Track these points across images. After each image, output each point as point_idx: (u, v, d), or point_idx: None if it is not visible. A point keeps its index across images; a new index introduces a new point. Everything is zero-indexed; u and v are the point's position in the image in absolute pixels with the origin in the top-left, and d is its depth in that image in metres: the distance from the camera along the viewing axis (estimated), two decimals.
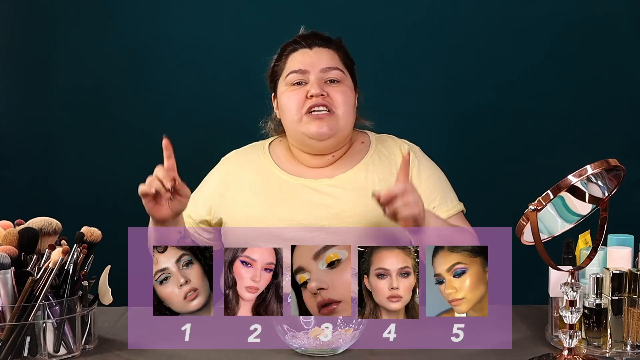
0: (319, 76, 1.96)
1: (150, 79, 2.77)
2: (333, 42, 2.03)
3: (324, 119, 1.94)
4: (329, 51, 2.00)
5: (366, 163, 2.02)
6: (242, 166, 2.07)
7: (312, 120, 1.95)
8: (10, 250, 1.55)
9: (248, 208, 1.99)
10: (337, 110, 1.96)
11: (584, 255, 1.60)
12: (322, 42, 2.01)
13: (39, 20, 2.75)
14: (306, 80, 1.97)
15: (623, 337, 1.59)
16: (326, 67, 1.97)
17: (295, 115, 1.96)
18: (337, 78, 1.98)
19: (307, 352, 1.57)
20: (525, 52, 2.74)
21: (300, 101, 1.95)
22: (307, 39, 2.01)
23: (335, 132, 1.96)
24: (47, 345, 1.55)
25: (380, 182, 1.98)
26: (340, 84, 1.98)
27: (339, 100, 1.96)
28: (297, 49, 2.00)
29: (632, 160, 2.37)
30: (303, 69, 1.97)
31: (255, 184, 2.01)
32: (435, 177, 2.03)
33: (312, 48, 2.00)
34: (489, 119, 2.77)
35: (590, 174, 1.43)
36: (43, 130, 2.79)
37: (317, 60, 1.98)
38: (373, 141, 2.07)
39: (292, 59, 2.00)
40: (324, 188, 1.98)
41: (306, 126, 1.95)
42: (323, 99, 1.94)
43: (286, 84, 1.99)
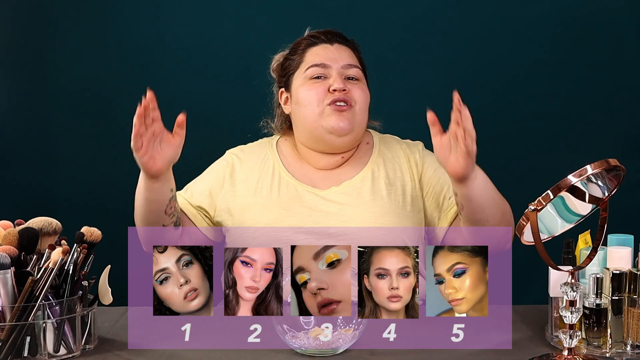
0: (340, 72, 1.97)
1: (150, 78, 2.76)
2: (351, 42, 2.05)
3: (344, 113, 1.95)
4: (348, 49, 2.02)
5: (371, 167, 2.01)
6: (249, 163, 2.05)
7: (333, 112, 1.94)
8: (10, 250, 1.55)
9: (254, 211, 1.97)
10: (356, 106, 1.97)
11: (584, 255, 1.60)
12: (342, 39, 2.03)
13: (39, 20, 2.75)
14: (327, 75, 1.97)
15: (623, 337, 1.59)
16: (347, 64, 1.99)
17: (316, 107, 1.96)
18: (356, 76, 2.00)
19: (307, 352, 1.57)
20: (525, 52, 2.74)
21: (321, 94, 1.95)
22: (327, 34, 2.03)
23: (353, 128, 1.97)
24: (47, 345, 1.55)
25: (386, 186, 1.98)
26: (359, 82, 2.00)
27: (358, 97, 1.97)
28: (317, 44, 2.01)
29: (632, 160, 2.36)
30: (325, 63, 1.98)
31: (263, 186, 2.00)
32: (442, 171, 2.00)
33: (333, 44, 2.01)
34: (488, 119, 2.74)
35: (590, 174, 1.43)
36: (43, 130, 2.78)
37: (339, 56, 1.99)
38: (377, 142, 2.07)
39: (311, 52, 2.01)
40: (331, 196, 1.98)
41: (327, 119, 1.95)
42: (345, 94, 1.95)
43: (305, 77, 1.99)
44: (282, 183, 2.00)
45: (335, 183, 2.00)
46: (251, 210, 1.98)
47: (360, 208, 1.95)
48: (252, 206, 1.98)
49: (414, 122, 2.63)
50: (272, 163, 2.04)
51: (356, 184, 1.99)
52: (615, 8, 2.72)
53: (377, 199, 1.96)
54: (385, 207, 1.96)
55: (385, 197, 1.97)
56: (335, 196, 1.98)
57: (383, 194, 1.97)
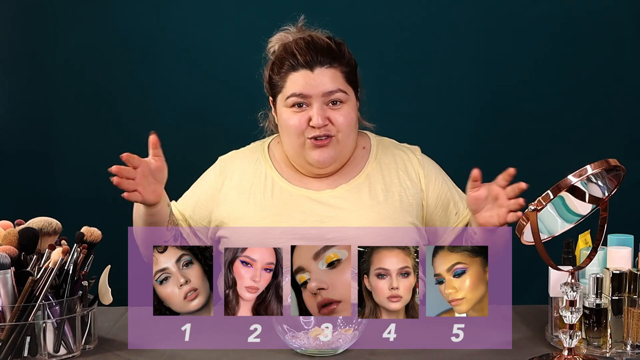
0: (321, 100, 1.89)
1: (150, 78, 2.77)
2: (336, 56, 1.91)
3: (325, 147, 1.90)
4: (331, 71, 1.90)
5: (367, 173, 1.98)
6: (241, 170, 2.01)
7: (314, 147, 1.90)
8: (10, 250, 1.55)
9: (247, 217, 1.94)
10: (338, 134, 1.90)
11: (584, 255, 1.60)
12: (325, 58, 1.90)
13: (39, 20, 2.75)
14: (308, 103, 1.89)
15: (623, 337, 1.59)
16: (328, 92, 1.89)
17: (296, 139, 1.91)
18: (340, 99, 1.90)
19: (307, 352, 1.57)
20: (525, 52, 2.74)
21: (301, 126, 1.89)
22: (307, 54, 1.89)
23: (336, 157, 1.92)
24: (47, 345, 1.55)
25: (383, 191, 1.95)
26: (343, 105, 1.91)
27: (340, 123, 1.90)
28: (297, 69, 1.89)
29: (632, 160, 2.36)
30: (305, 93, 1.88)
31: (255, 192, 1.97)
32: (446, 184, 2.02)
33: (314, 70, 1.88)
34: (488, 119, 2.77)
35: (590, 174, 1.43)
36: (43, 130, 2.78)
37: (320, 84, 1.88)
38: (374, 146, 2.03)
39: (291, 80, 1.90)
40: (327, 199, 1.94)
41: (308, 151, 1.91)
42: (325, 128, 1.89)
43: (286, 105, 1.92)
44: (275, 187, 1.97)
45: (331, 186, 1.96)
46: (245, 218, 1.95)
47: (358, 213, 1.92)
48: (246, 213, 1.95)
49: (414, 122, 2.65)
50: (264, 167, 2.00)
51: (352, 188, 1.96)
52: (616, 9, 2.72)
53: (375, 204, 1.93)
54: (382, 212, 1.92)
55: (382, 203, 1.94)
56: (331, 200, 1.94)
57: (380, 199, 1.94)
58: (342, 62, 1.92)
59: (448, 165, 2.10)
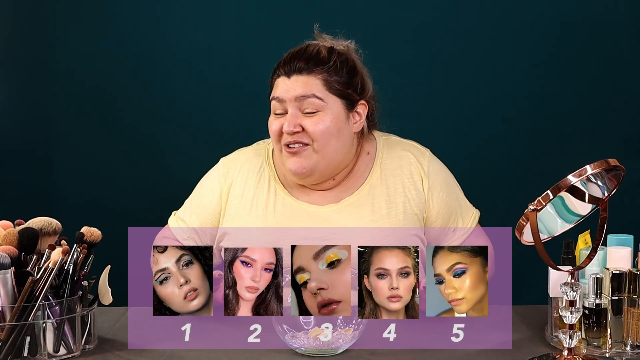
0: (295, 106, 1.87)
1: (150, 79, 2.77)
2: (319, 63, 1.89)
3: (299, 154, 1.87)
4: (307, 78, 1.87)
5: (371, 184, 1.94)
6: (244, 177, 1.98)
7: (289, 155, 1.88)
8: (10, 250, 1.55)
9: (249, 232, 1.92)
10: (314, 144, 1.87)
11: (584, 255, 1.60)
12: (305, 65, 1.88)
13: (39, 20, 2.75)
14: (284, 110, 1.89)
15: (623, 337, 1.59)
16: (300, 96, 1.87)
17: (276, 145, 1.92)
18: (311, 108, 1.87)
19: (307, 352, 1.57)
20: (525, 52, 2.74)
21: (277, 133, 1.89)
22: (289, 63, 1.89)
23: (313, 168, 1.88)
24: (47, 345, 1.55)
25: (387, 204, 1.92)
26: (318, 114, 1.87)
27: (314, 132, 1.86)
28: (280, 75, 1.90)
29: (632, 160, 2.37)
30: (280, 97, 1.89)
31: (258, 204, 1.94)
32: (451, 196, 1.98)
33: (291, 77, 1.88)
34: (489, 119, 2.77)
35: (590, 174, 1.43)
36: (43, 130, 2.78)
37: (293, 89, 1.87)
38: (379, 150, 1.99)
39: (275, 84, 1.92)
40: (329, 215, 1.92)
41: (285, 160, 1.89)
42: (297, 135, 1.87)
43: (272, 109, 1.93)
44: (277, 200, 1.94)
45: (334, 200, 1.94)
46: (247, 232, 1.93)
47: (360, 230, 1.90)
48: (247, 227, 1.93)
49: (414, 122, 2.64)
50: (268, 177, 1.97)
51: (355, 202, 1.93)
52: (616, 10, 2.72)
53: (378, 219, 1.91)
54: (385, 229, 1.90)
55: (385, 217, 1.92)
56: (334, 215, 1.92)
57: (383, 212, 1.92)
58: (324, 69, 1.89)
59: (447, 165, 2.10)
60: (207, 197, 2.00)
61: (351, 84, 1.92)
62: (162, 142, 2.78)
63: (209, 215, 1.99)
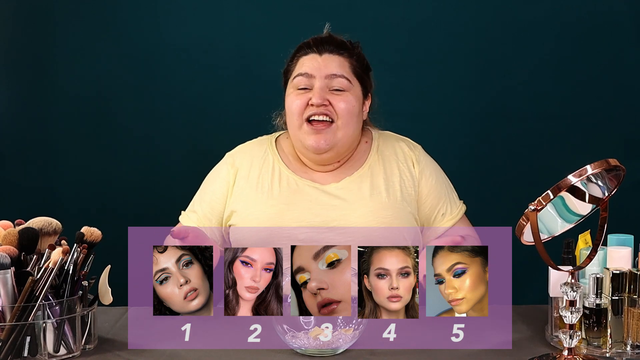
0: (324, 83, 1.96)
1: (150, 79, 2.77)
2: (347, 48, 2.01)
3: (321, 133, 1.95)
4: (339, 58, 1.99)
5: (369, 165, 2.03)
6: (249, 162, 2.06)
7: (311, 131, 1.95)
8: (10, 250, 1.55)
9: (255, 206, 1.99)
10: (338, 120, 1.96)
11: (584, 255, 1.60)
12: (335, 47, 2.00)
13: (39, 20, 2.75)
14: (311, 86, 1.97)
15: (623, 337, 1.59)
16: (332, 74, 1.96)
17: (296, 120, 1.97)
18: (341, 87, 1.97)
19: (307, 352, 1.57)
20: (525, 52, 2.74)
21: (301, 106, 1.96)
22: (320, 44, 2.00)
23: (333, 145, 1.96)
24: (47, 345, 1.55)
25: (384, 182, 2.00)
26: (344, 93, 1.97)
27: (341, 109, 1.95)
28: (308, 53, 2.00)
29: (632, 160, 2.36)
30: (309, 73, 1.97)
31: (263, 182, 2.02)
32: (440, 184, 2.05)
33: (322, 54, 1.99)
34: (489, 120, 2.77)
35: (590, 174, 1.43)
36: (43, 130, 2.79)
37: (325, 66, 1.97)
38: (375, 139, 2.08)
39: (301, 61, 2.00)
40: (332, 190, 2.00)
41: (305, 136, 1.96)
42: (325, 108, 1.95)
43: (292, 87, 1.99)
44: (282, 178, 2.02)
45: (335, 180, 2.01)
46: (253, 206, 1.99)
47: (360, 203, 1.97)
48: (254, 202, 2.00)
49: (414, 122, 2.65)
50: (272, 160, 2.05)
51: (355, 181, 2.01)
52: (616, 10, 2.72)
53: (376, 195, 1.99)
54: (383, 202, 1.98)
55: (383, 193, 1.99)
56: (336, 191, 2.00)
57: (381, 189, 1.99)
58: (352, 55, 2.01)
59: (447, 166, 2.10)
60: (217, 183, 2.06)
61: (367, 75, 2.05)
62: (162, 142, 2.78)
63: (218, 200, 2.04)
